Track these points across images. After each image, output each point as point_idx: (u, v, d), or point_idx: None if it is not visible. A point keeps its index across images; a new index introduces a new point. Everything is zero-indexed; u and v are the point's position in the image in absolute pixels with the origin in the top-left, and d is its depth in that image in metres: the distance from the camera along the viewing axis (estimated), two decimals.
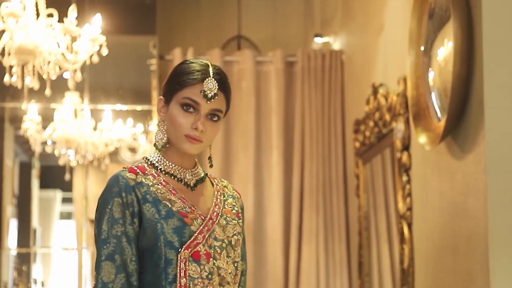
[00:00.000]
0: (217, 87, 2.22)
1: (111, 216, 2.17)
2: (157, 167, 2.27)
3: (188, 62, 2.28)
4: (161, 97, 2.29)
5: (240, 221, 2.34)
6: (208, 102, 2.21)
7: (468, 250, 3.17)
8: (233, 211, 2.33)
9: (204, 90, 2.20)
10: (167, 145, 2.27)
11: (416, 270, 3.96)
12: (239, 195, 2.43)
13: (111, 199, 2.18)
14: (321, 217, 5.58)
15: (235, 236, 2.27)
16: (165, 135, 2.26)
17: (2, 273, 6.94)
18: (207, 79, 2.21)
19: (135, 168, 2.25)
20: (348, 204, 5.62)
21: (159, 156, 2.29)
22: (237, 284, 2.29)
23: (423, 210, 3.83)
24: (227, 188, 2.40)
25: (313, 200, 5.60)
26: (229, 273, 2.23)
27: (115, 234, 2.16)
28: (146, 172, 2.25)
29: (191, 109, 2.21)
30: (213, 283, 2.18)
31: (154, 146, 2.28)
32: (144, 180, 2.22)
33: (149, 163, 2.29)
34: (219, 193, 2.35)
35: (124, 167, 2.25)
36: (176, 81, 2.24)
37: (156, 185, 2.22)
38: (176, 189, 2.25)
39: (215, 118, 2.24)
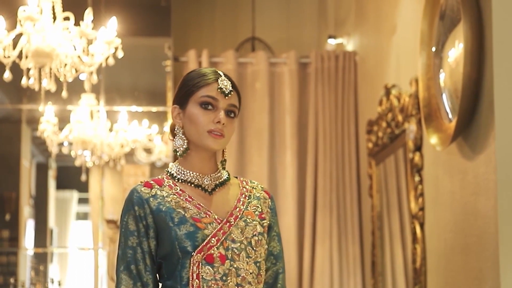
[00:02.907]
0: (231, 84, 2.34)
1: (127, 229, 2.29)
2: (175, 177, 2.35)
3: (196, 69, 2.40)
4: (175, 105, 2.36)
5: (264, 221, 2.37)
6: (226, 97, 2.31)
7: (479, 249, 3.20)
8: (256, 212, 2.37)
9: (220, 87, 2.31)
10: (188, 151, 2.33)
11: (428, 269, 3.99)
12: (268, 195, 2.46)
13: (127, 212, 2.30)
14: (334, 217, 5.61)
15: (255, 236, 2.32)
16: (185, 141, 2.33)
17: (20, 273, 7.02)
18: (220, 78, 2.33)
19: (152, 182, 2.33)
20: (361, 204, 5.65)
21: (177, 166, 2.36)
22: (261, 284, 2.33)
23: (435, 210, 3.86)
24: (255, 189, 2.45)
25: (326, 200, 5.63)
26: (251, 273, 2.28)
27: (130, 245, 2.28)
28: (164, 183, 2.33)
29: (210, 107, 2.31)
30: (228, 284, 2.24)
31: (174, 152, 2.36)
32: (159, 192, 2.30)
33: (168, 174, 2.37)
34: (244, 195, 2.40)
35: (141, 182, 2.34)
36: (191, 84, 2.33)
37: (171, 195, 2.30)
38: (192, 195, 2.32)
39: (232, 115, 2.34)
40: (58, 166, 7.70)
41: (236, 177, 2.46)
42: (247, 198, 2.40)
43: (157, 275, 2.32)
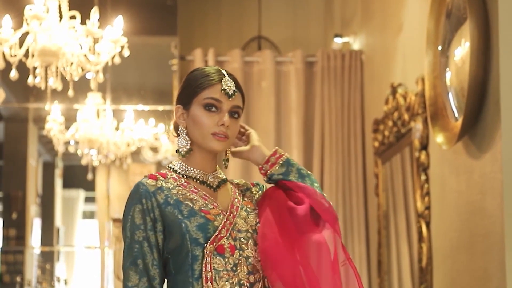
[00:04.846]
0: (234, 85, 2.32)
1: (132, 223, 2.25)
2: (179, 173, 2.34)
3: (200, 68, 2.37)
4: (179, 105, 2.35)
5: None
6: (230, 99, 2.30)
7: (485, 248, 3.19)
8: (253, 202, 2.40)
9: (224, 89, 2.30)
10: (191, 151, 2.33)
11: (434, 268, 3.98)
12: (252, 185, 2.48)
13: (132, 206, 2.26)
14: (340, 216, 5.60)
15: (258, 224, 2.33)
16: (188, 142, 2.33)
17: (26, 271, 7.04)
18: (224, 79, 2.32)
19: (156, 174, 2.32)
20: (368, 203, 5.64)
21: (181, 163, 2.36)
22: None
23: (441, 209, 3.85)
24: (241, 184, 2.47)
25: (332, 199, 5.62)
26: (259, 261, 2.29)
27: (137, 239, 2.24)
28: (168, 176, 2.32)
29: (214, 109, 2.29)
30: (238, 275, 2.24)
31: (177, 152, 2.35)
32: (164, 185, 2.29)
33: (171, 169, 2.36)
34: (237, 189, 2.42)
35: (145, 175, 2.33)
36: (195, 85, 2.32)
37: (177, 187, 2.29)
38: (198, 188, 2.32)
39: (236, 116, 2.33)
40: (65, 165, 7.73)
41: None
42: (241, 191, 2.42)
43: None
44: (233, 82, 2.32)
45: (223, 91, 2.29)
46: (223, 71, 2.34)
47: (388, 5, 5.01)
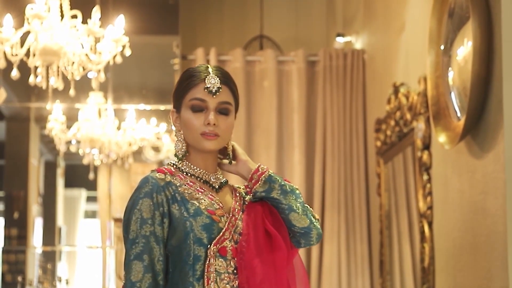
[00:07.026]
0: (219, 81, 2.30)
1: (140, 217, 2.21)
2: (182, 170, 2.34)
3: (190, 69, 2.37)
4: (173, 109, 2.36)
5: None
6: (214, 96, 2.29)
7: (488, 248, 3.18)
8: None
9: (207, 87, 2.28)
10: (187, 154, 2.34)
11: (436, 268, 3.97)
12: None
13: (140, 200, 2.23)
14: (342, 216, 5.60)
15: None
16: (184, 144, 2.33)
17: (28, 271, 7.04)
18: (207, 76, 2.30)
19: (163, 169, 2.32)
20: (370, 203, 5.63)
21: (184, 161, 2.35)
22: None
23: (443, 209, 3.84)
24: (240, 188, 2.47)
25: (334, 199, 5.62)
26: None
27: (144, 234, 2.20)
28: (174, 173, 2.32)
29: (200, 109, 2.29)
30: (239, 278, 2.24)
31: (175, 156, 2.35)
32: (172, 180, 2.29)
33: (175, 167, 2.35)
34: (236, 192, 2.42)
35: (152, 170, 2.32)
36: (181, 88, 2.33)
37: (183, 186, 2.29)
38: (203, 188, 2.32)
39: (226, 112, 2.31)
40: (66, 165, 7.73)
41: None
42: (240, 194, 2.42)
43: None
44: (218, 79, 2.30)
45: (206, 90, 2.28)
46: (210, 68, 2.32)
47: (390, 4, 5.00)
